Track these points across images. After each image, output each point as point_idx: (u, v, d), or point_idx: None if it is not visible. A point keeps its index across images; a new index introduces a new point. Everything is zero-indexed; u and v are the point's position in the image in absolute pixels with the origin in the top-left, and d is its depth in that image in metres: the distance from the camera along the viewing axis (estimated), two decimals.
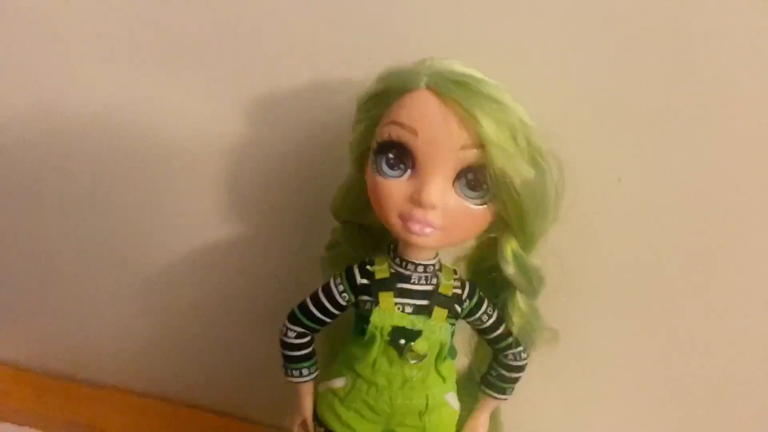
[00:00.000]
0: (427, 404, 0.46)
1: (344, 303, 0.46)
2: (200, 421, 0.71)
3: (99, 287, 0.69)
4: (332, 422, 0.48)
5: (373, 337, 0.44)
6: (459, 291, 0.46)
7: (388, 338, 0.44)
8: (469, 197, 0.40)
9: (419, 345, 0.44)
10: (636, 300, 0.54)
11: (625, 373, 0.57)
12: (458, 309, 0.45)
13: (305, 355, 0.48)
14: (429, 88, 0.39)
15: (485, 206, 0.40)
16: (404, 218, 0.40)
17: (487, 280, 0.48)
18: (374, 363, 0.44)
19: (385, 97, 0.41)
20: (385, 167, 0.40)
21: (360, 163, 0.44)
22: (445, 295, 0.45)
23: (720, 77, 0.46)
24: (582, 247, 0.52)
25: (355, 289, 0.45)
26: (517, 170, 0.39)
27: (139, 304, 0.68)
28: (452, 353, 0.48)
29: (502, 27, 0.48)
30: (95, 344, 0.72)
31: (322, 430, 0.49)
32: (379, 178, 0.41)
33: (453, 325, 0.45)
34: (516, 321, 0.47)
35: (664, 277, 0.52)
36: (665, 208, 0.50)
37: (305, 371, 0.48)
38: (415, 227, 0.40)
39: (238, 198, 0.60)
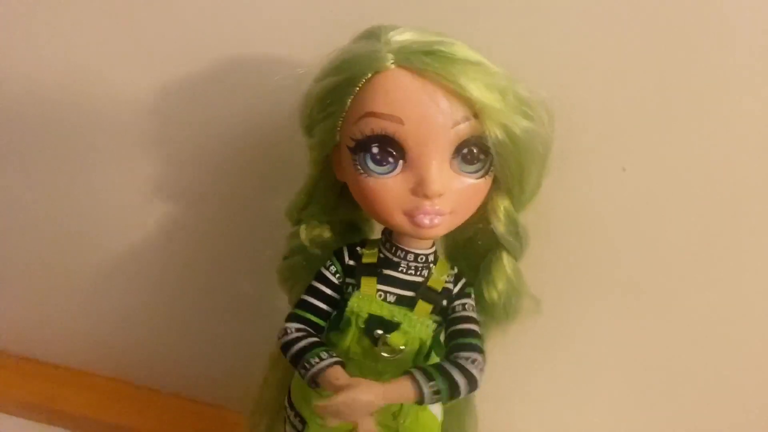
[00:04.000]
0: (401, 406, 0.42)
1: (338, 282, 0.43)
2: (164, 403, 0.69)
3: (51, 269, 0.68)
4: (304, 409, 0.45)
5: (348, 323, 0.41)
6: (450, 286, 0.42)
7: (363, 326, 0.41)
8: (468, 172, 0.37)
9: (395, 338, 0.40)
10: (637, 290, 0.52)
11: (622, 364, 0.56)
12: (446, 304, 0.41)
13: (315, 342, 0.41)
14: (400, 66, 0.35)
15: (485, 177, 0.38)
16: (411, 214, 0.37)
17: (467, 252, 0.44)
18: (348, 351, 0.41)
19: (344, 87, 0.36)
20: (372, 165, 0.37)
21: (324, 163, 0.41)
22: (434, 290, 0.41)
23: (726, 68, 0.44)
24: (584, 236, 0.51)
25: (345, 270, 0.43)
26: (516, 128, 0.35)
27: (95, 285, 0.67)
28: (440, 354, 0.44)
29: (508, 16, 0.46)
30: (54, 325, 0.71)
31: (293, 413, 0.46)
32: (370, 179, 0.37)
33: (437, 323, 0.41)
34: (501, 287, 0.42)
35: (666, 268, 0.51)
36: (669, 198, 0.49)
37: (323, 354, 0.39)
38: (425, 220, 0.37)
39: (199, 174, 0.59)
